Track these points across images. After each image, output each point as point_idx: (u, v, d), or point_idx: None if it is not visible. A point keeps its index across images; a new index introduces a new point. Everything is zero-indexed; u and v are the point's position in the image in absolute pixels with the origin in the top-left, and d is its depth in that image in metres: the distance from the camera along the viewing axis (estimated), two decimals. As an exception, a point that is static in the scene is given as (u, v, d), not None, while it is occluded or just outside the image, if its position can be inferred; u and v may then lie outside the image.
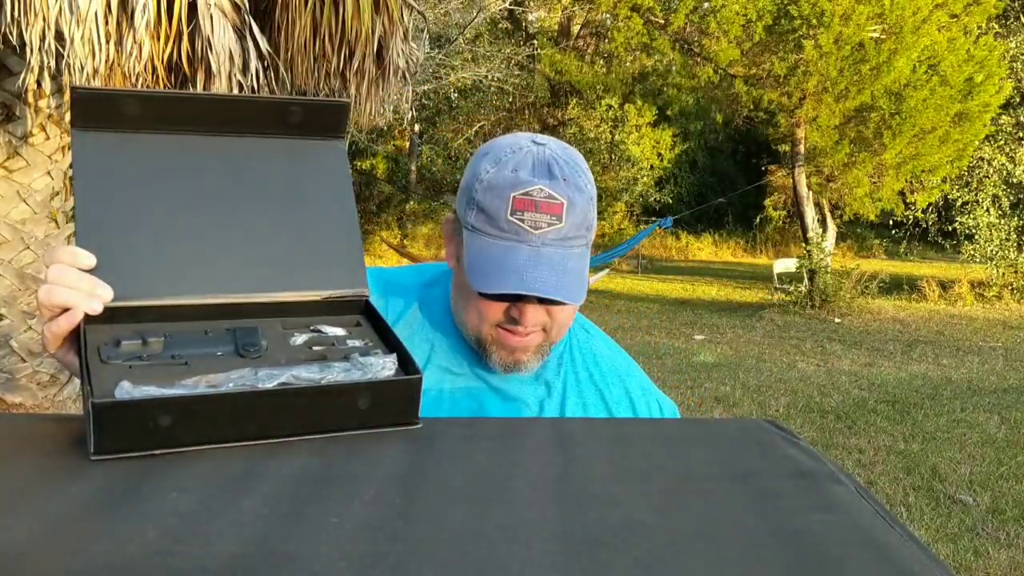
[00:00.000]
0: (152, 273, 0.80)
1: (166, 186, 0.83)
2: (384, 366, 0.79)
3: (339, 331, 0.84)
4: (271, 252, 0.85)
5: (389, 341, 0.85)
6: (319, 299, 0.86)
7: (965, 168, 13.44)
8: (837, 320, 11.11)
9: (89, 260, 0.78)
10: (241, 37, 4.08)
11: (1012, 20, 15.38)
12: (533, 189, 1.04)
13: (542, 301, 1.04)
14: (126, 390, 0.69)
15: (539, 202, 1.04)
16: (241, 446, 0.71)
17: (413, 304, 1.18)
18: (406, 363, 0.81)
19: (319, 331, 0.83)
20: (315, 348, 0.81)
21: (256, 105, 0.89)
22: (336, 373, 0.77)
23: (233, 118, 0.86)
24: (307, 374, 0.75)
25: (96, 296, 0.77)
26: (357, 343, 0.83)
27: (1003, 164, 13.77)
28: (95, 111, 0.81)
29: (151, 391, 0.69)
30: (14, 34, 3.66)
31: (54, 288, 0.77)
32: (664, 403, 1.20)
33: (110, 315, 0.78)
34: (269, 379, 0.73)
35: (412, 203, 20.39)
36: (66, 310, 0.77)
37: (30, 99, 4.58)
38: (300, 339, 0.82)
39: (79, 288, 0.77)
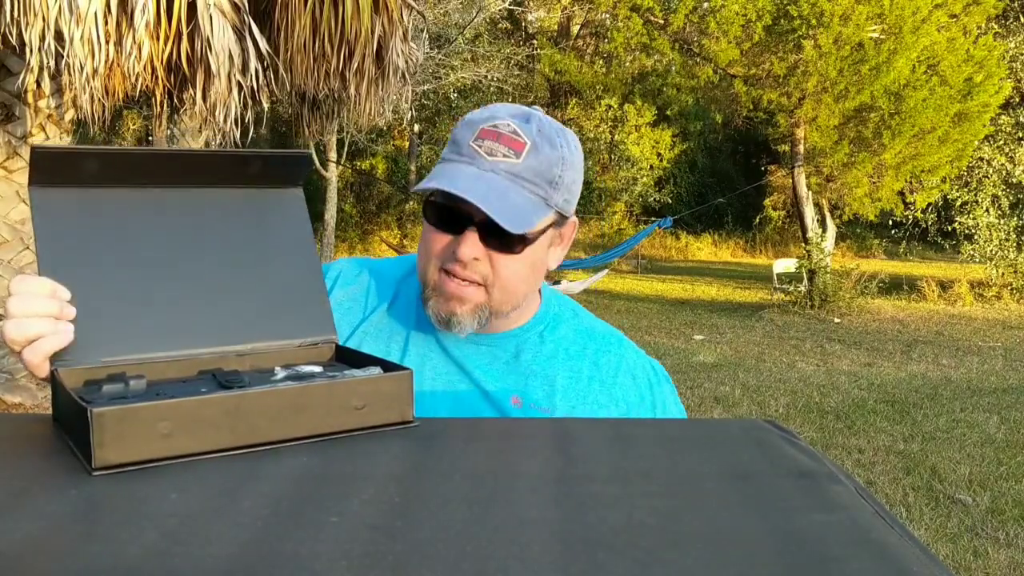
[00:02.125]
0: (123, 330, 0.79)
1: (130, 242, 0.82)
2: (370, 373, 0.81)
3: (316, 368, 0.84)
4: (239, 305, 0.86)
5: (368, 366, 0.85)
6: (292, 347, 0.87)
7: (964, 168, 13.44)
8: (837, 320, 11.11)
9: (66, 293, 0.77)
10: (240, 37, 4.08)
11: (1012, 20, 15.39)
12: (501, 123, 1.05)
13: (480, 229, 1.02)
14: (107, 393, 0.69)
15: (503, 135, 1.05)
16: (240, 452, 0.71)
17: (391, 293, 1.18)
18: (391, 369, 0.82)
19: (296, 369, 0.84)
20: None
21: (216, 158, 0.89)
22: (325, 380, 0.78)
23: (193, 171, 0.86)
24: (297, 384, 0.76)
25: (64, 317, 0.76)
26: (336, 373, 0.84)
27: (1002, 164, 13.78)
28: (55, 169, 0.79)
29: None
30: (14, 34, 3.66)
31: (23, 322, 0.75)
32: (641, 368, 1.17)
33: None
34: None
35: (412, 203, 20.39)
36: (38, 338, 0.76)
37: (30, 99, 4.58)
38: (280, 375, 0.82)
39: (48, 314, 0.76)
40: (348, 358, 0.89)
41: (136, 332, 0.80)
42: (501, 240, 1.04)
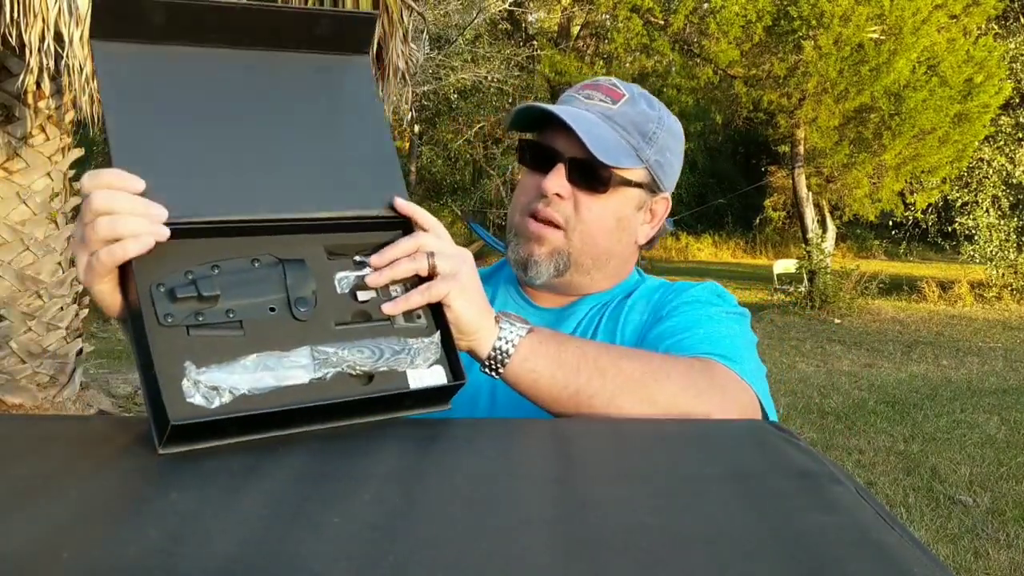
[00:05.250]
0: (193, 192, 0.77)
1: (196, 103, 0.80)
2: (430, 351, 0.82)
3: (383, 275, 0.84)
4: (310, 171, 0.84)
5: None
6: (364, 217, 0.85)
7: (965, 169, 13.44)
8: (837, 321, 11.10)
9: (139, 184, 0.71)
10: (241, 38, 4.08)
11: (1012, 21, 15.40)
12: (603, 80, 1.08)
13: (568, 166, 1.03)
14: (194, 384, 0.71)
15: (601, 85, 1.08)
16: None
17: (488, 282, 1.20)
18: (449, 351, 0.83)
19: (364, 264, 0.83)
20: (361, 300, 0.82)
21: (284, 16, 0.86)
22: (386, 360, 0.80)
23: (260, 29, 0.84)
24: (360, 361, 0.79)
25: (156, 218, 0.71)
26: (398, 290, 0.84)
27: (1003, 165, 13.77)
28: (117, 20, 0.76)
29: (216, 377, 0.71)
30: (13, 35, 3.66)
31: (118, 219, 0.69)
32: (681, 289, 1.12)
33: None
34: (324, 367, 0.76)
35: (412, 204, 20.37)
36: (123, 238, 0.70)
37: (29, 100, 4.58)
38: (346, 284, 0.82)
39: (139, 214, 0.70)
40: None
41: (205, 195, 0.77)
42: (587, 179, 1.04)
